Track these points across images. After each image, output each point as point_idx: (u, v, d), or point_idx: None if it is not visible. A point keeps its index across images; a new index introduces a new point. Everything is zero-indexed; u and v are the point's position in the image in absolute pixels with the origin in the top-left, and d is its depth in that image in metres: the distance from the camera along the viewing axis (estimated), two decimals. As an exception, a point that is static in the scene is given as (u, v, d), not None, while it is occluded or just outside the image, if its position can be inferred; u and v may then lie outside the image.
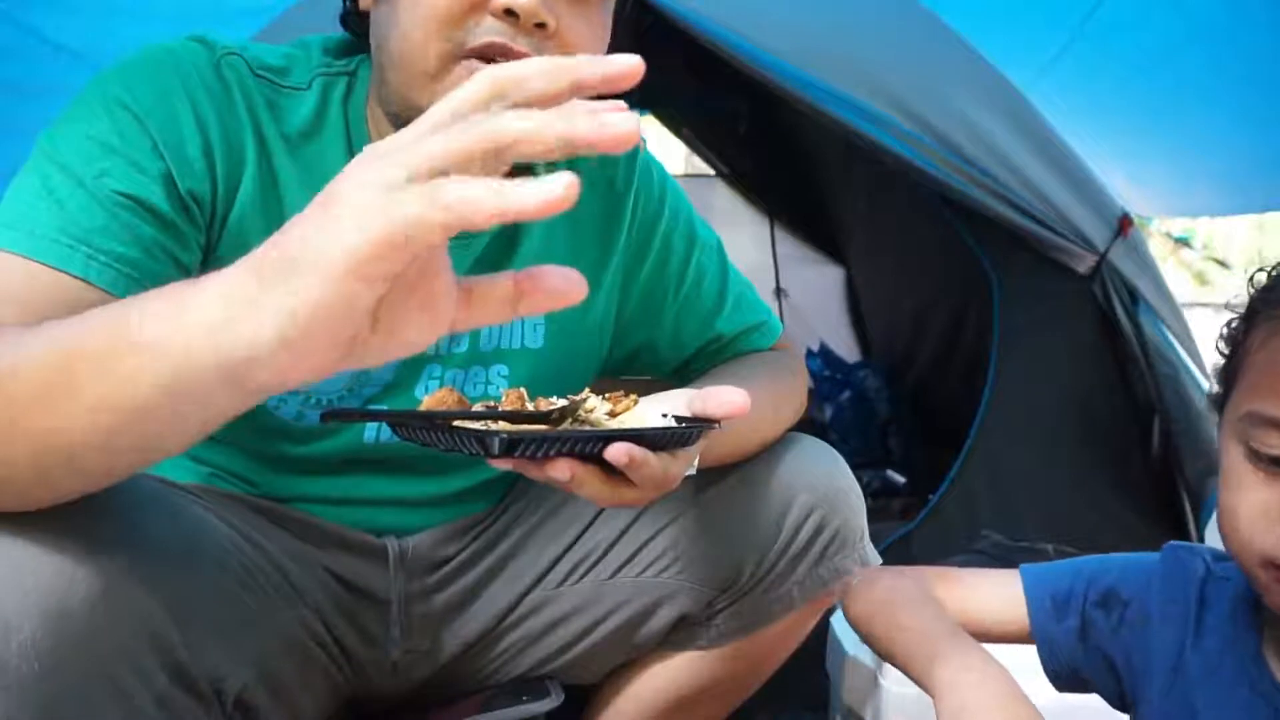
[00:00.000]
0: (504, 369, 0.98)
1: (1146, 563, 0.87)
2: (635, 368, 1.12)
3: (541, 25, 0.79)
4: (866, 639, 0.91)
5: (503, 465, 0.69)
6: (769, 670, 1.10)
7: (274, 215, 0.86)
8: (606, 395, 0.79)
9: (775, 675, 1.11)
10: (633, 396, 0.79)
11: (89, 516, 0.62)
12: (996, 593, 0.91)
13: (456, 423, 0.70)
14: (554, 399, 0.79)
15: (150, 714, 0.66)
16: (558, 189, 0.45)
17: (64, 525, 0.60)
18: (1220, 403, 0.78)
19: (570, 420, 0.75)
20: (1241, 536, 0.72)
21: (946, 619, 0.86)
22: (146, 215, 0.76)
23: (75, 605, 0.59)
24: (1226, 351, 0.78)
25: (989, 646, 0.85)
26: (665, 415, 0.78)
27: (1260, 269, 0.78)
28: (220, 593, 0.77)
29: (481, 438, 0.66)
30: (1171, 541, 0.88)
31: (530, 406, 0.76)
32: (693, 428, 0.76)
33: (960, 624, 0.88)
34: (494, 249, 0.95)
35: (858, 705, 1.30)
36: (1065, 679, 0.89)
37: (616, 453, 0.70)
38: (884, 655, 0.89)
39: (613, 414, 0.77)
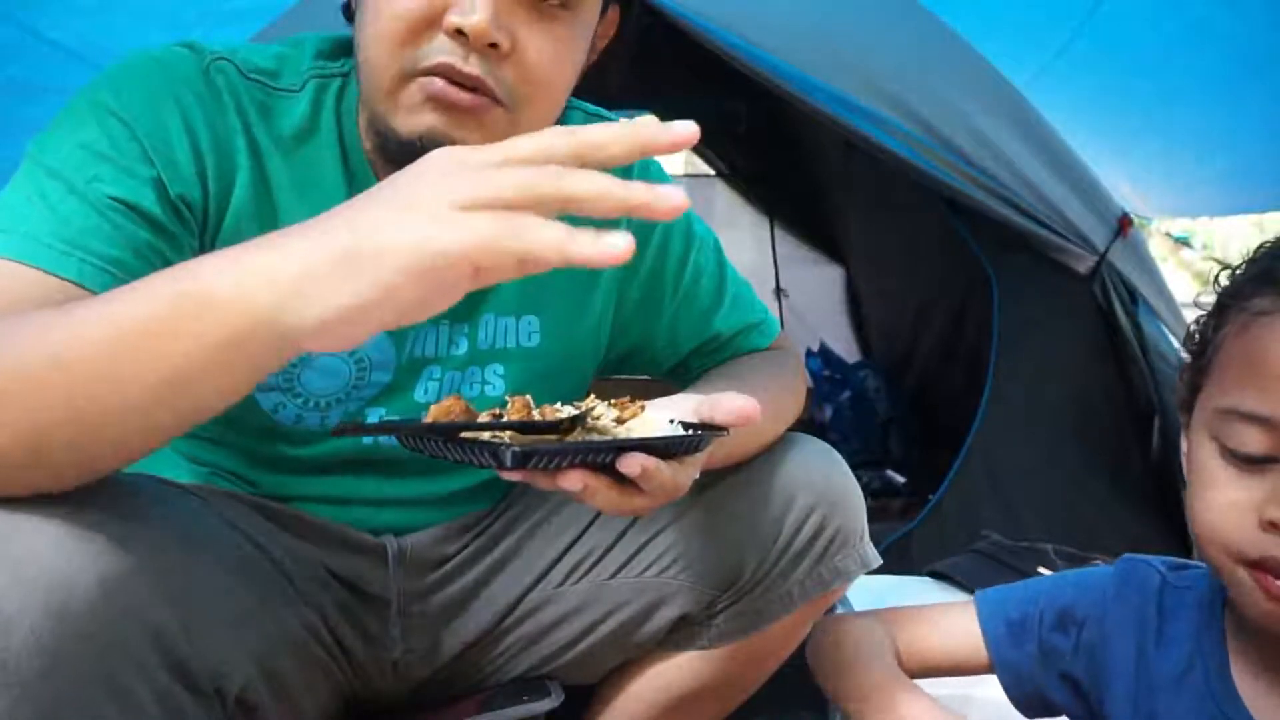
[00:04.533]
0: (500, 368, 0.98)
1: (1100, 579, 0.86)
2: (632, 366, 1.12)
3: (494, 45, 0.79)
4: (824, 688, 0.91)
5: (514, 477, 0.69)
6: (769, 670, 1.09)
7: (268, 218, 0.86)
8: (613, 401, 0.79)
9: (775, 675, 1.10)
10: (640, 403, 0.79)
11: (91, 514, 0.62)
12: (955, 627, 0.90)
13: (467, 435, 0.70)
14: (559, 405, 0.78)
15: (150, 711, 0.66)
16: (619, 248, 0.52)
17: (66, 522, 0.61)
18: (1189, 404, 0.77)
19: (580, 429, 0.74)
20: (1216, 536, 0.70)
21: (889, 666, 0.86)
22: (139, 219, 0.77)
23: (76, 603, 0.59)
24: (1194, 350, 0.77)
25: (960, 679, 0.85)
26: (673, 421, 0.78)
27: (1225, 267, 0.77)
28: (221, 591, 0.77)
29: (495, 450, 0.66)
30: (1126, 555, 0.86)
31: (536, 414, 0.75)
32: (702, 435, 0.76)
33: (924, 663, 0.88)
34: None
35: (858, 705, 1.29)
36: (1032, 705, 0.87)
37: (630, 464, 0.70)
38: (833, 698, 0.89)
39: (620, 421, 0.76)
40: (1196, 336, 0.77)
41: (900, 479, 2.71)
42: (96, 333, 0.57)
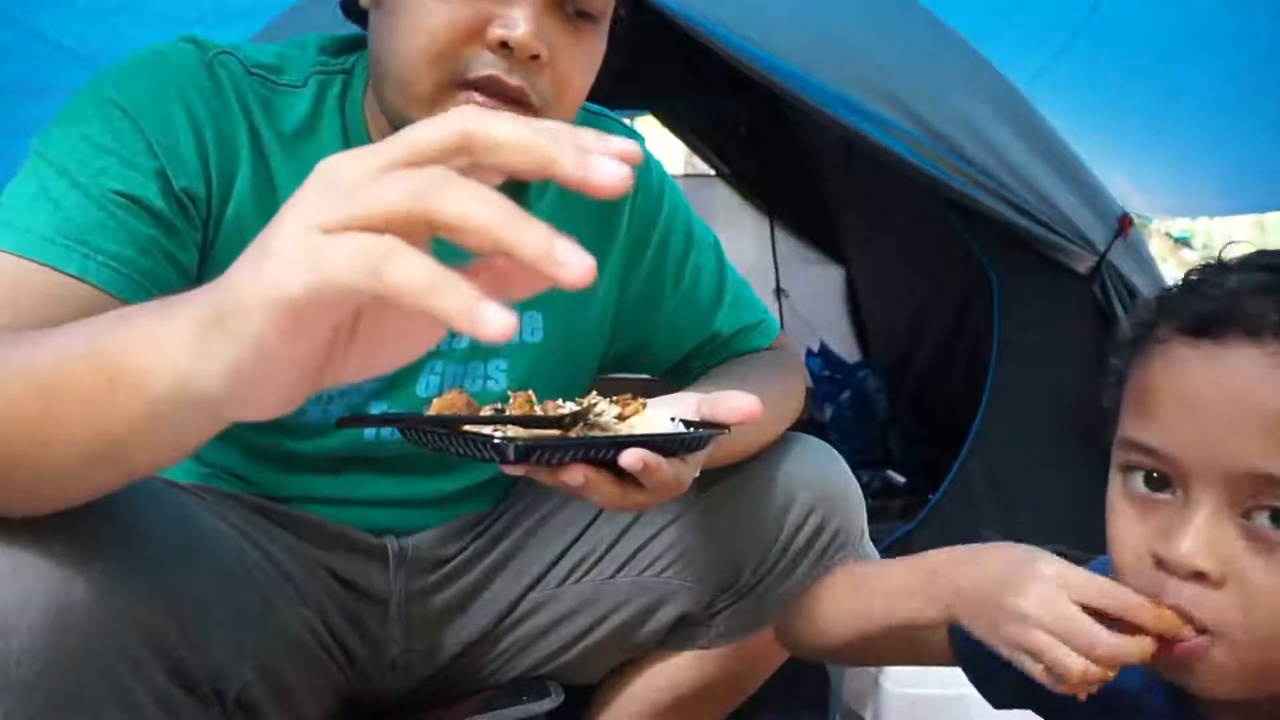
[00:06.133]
0: (503, 364, 0.98)
1: None
2: (632, 365, 1.12)
3: (535, 57, 0.80)
4: (812, 640, 0.85)
5: (516, 471, 0.70)
6: (769, 670, 1.10)
7: (270, 213, 0.85)
8: (615, 398, 0.79)
9: (775, 675, 1.10)
10: (641, 400, 0.79)
11: (89, 516, 0.62)
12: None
13: (470, 428, 0.70)
14: (560, 401, 0.79)
15: (150, 713, 0.66)
16: (497, 323, 0.41)
17: (64, 525, 0.60)
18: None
19: (581, 425, 0.74)
20: (1120, 573, 0.67)
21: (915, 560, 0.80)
22: (143, 214, 0.77)
23: (75, 605, 0.59)
24: (1113, 385, 0.73)
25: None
26: (674, 419, 0.78)
27: (1157, 294, 0.73)
28: (220, 592, 0.77)
29: (497, 445, 0.66)
30: (1103, 557, 0.81)
31: (538, 409, 0.76)
32: (704, 433, 0.76)
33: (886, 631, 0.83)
34: None
35: (858, 705, 1.30)
36: (1002, 699, 0.84)
37: (631, 459, 0.70)
38: (865, 634, 0.82)
39: (621, 417, 0.77)
40: (1113, 372, 0.73)
41: (900, 479, 2.71)
42: (17, 393, 0.54)
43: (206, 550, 0.78)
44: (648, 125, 3.73)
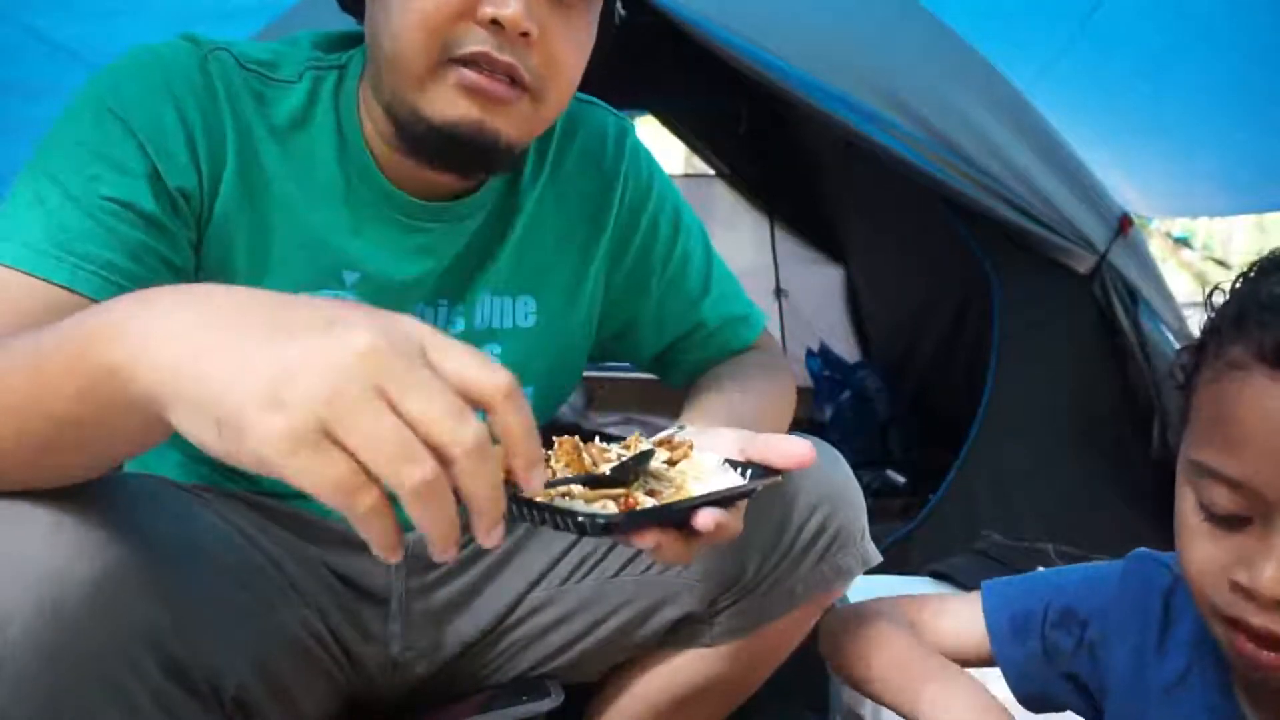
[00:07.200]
0: (497, 349, 0.99)
1: (1107, 576, 0.84)
2: (618, 351, 1.13)
3: (525, 34, 0.81)
4: (847, 675, 0.89)
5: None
6: (770, 669, 1.10)
7: (260, 206, 0.87)
8: (658, 440, 0.80)
9: (776, 675, 1.10)
10: (689, 441, 0.80)
11: (88, 512, 0.62)
12: (962, 619, 0.88)
13: (541, 499, 0.70)
14: (605, 445, 0.79)
15: (146, 710, 0.66)
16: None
17: (62, 520, 0.61)
18: (1179, 440, 0.73)
19: (642, 477, 0.75)
20: (1194, 586, 0.68)
21: (924, 646, 0.85)
22: (135, 219, 0.78)
23: (72, 601, 0.60)
24: (1180, 386, 0.73)
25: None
26: (724, 461, 0.78)
27: (1217, 286, 0.72)
28: (218, 590, 0.77)
29: (579, 522, 0.67)
30: (1139, 549, 0.84)
31: (585, 456, 0.75)
32: (762, 483, 0.76)
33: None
34: (486, 230, 0.97)
35: (858, 705, 1.30)
36: (1036, 702, 0.86)
37: (706, 521, 0.70)
38: (865, 688, 0.86)
39: (671, 462, 0.78)
40: (1182, 370, 0.73)
41: (900, 479, 2.71)
42: (17, 374, 0.58)
43: (205, 548, 0.79)
44: (648, 125, 3.73)
